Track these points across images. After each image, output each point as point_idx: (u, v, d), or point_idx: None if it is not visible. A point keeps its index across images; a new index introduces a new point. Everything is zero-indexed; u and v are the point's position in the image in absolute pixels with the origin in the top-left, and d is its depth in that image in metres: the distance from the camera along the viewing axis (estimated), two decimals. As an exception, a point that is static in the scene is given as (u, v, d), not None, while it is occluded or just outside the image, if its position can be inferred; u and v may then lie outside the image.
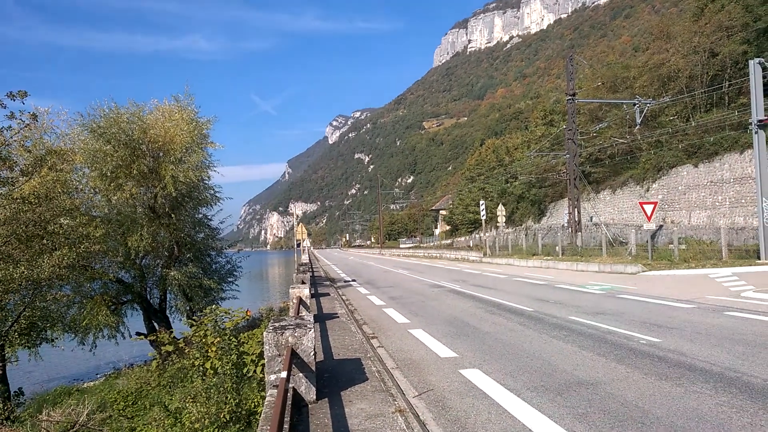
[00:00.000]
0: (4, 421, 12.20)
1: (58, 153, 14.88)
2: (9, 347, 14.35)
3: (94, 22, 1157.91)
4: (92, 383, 16.39)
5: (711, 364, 7.12)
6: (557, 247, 31.29)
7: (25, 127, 13.69)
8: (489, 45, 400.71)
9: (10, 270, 12.21)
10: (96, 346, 17.78)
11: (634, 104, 30.85)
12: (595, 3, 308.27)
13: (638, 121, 30.90)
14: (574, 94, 31.03)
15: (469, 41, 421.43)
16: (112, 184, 17.21)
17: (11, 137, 13.43)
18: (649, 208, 23.39)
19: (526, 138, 62.00)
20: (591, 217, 37.82)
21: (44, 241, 13.52)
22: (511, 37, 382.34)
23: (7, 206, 12.55)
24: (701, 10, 39.41)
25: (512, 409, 5.68)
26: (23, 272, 12.36)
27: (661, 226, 31.02)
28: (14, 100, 12.54)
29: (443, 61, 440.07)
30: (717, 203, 29.82)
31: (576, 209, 31.47)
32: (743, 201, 27.92)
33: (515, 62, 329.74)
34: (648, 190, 35.69)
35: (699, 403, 5.58)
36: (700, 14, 39.03)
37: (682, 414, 5.30)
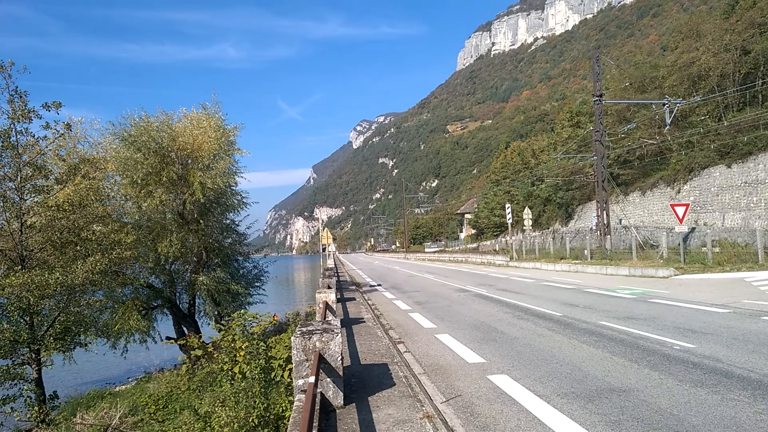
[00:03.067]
0: (40, 424, 12.50)
1: (90, 161, 15.22)
2: (45, 351, 14.66)
3: (125, 34, 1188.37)
4: (124, 387, 16.70)
5: (749, 371, 6.90)
6: (585, 251, 30.81)
7: (60, 136, 14.05)
8: (513, 47, 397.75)
9: (46, 276, 12.48)
10: (127, 350, 18.08)
11: (664, 104, 30.19)
12: (621, 2, 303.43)
13: (668, 121, 30.23)
14: (601, 95, 30.55)
15: (493, 44, 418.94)
16: (142, 191, 17.54)
17: (46, 146, 13.80)
18: (680, 210, 22.89)
19: (552, 140, 61.29)
20: (620, 220, 37.15)
21: (78, 247, 13.82)
22: (536, 39, 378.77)
23: (42, 214, 12.90)
24: (732, 7, 38.57)
25: (542, 416, 5.60)
26: (58, 278, 12.61)
27: (693, 229, 30.29)
28: (49, 111, 12.90)
29: (467, 65, 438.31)
30: (752, 204, 29.02)
31: (604, 212, 30.95)
32: (779, 202, 27.11)
33: (540, 64, 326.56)
34: (679, 192, 34.94)
35: (737, 412, 5.41)
36: (731, 11, 38.22)
37: (719, 423, 5.14)
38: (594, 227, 34.54)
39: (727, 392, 6.06)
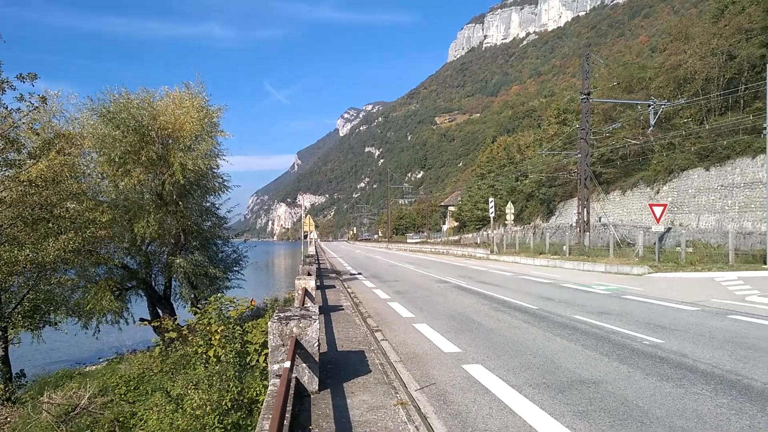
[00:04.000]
0: (5, 402, 12.31)
1: (66, 137, 14.84)
2: (12, 329, 14.45)
3: (111, 7, 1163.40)
4: (94, 367, 16.55)
5: (713, 366, 7.15)
6: (564, 247, 31.22)
7: (34, 109, 13.63)
8: (505, 41, 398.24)
9: (15, 252, 12.20)
10: (99, 331, 17.88)
11: (649, 105, 30.61)
12: (614, 1, 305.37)
13: (652, 122, 30.70)
14: (588, 94, 30.85)
15: (485, 37, 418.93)
16: (120, 170, 17.29)
17: (20, 119, 13.42)
18: (658, 210, 23.30)
19: (538, 136, 61.78)
20: (600, 218, 37.68)
21: (50, 224, 13.50)
22: (528, 34, 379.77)
23: (13, 188, 12.54)
24: (721, 12, 39.09)
25: (513, 405, 5.73)
26: (28, 255, 12.34)
27: (669, 229, 30.88)
28: (24, 82, 12.49)
29: (458, 56, 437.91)
30: (726, 207, 29.65)
31: (585, 209, 31.36)
32: (753, 206, 27.77)
33: (531, 59, 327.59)
34: (658, 192, 35.52)
35: (699, 405, 5.62)
36: (719, 16, 38.72)
37: (682, 414, 5.34)
38: (574, 224, 34.99)
39: (690, 386, 6.28)
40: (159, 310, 19.10)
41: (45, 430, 9.13)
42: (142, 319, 18.16)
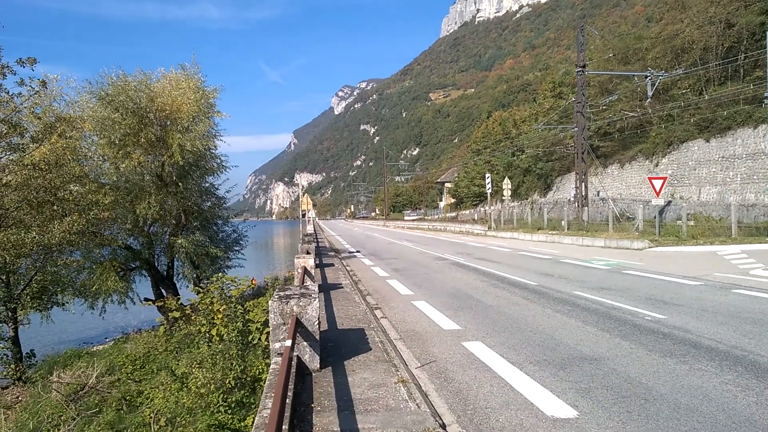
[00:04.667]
0: (17, 382, 12.49)
1: (67, 120, 14.89)
2: (21, 310, 14.65)
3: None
4: (101, 347, 16.61)
5: (717, 342, 7.08)
6: (563, 222, 31.17)
7: (35, 93, 13.66)
8: (498, 14, 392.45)
9: (22, 235, 12.37)
10: (105, 311, 17.99)
11: (646, 77, 30.25)
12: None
13: (649, 94, 30.34)
14: (584, 66, 30.46)
15: (478, 11, 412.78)
16: (120, 152, 17.22)
17: (21, 104, 13.42)
18: (658, 184, 23.16)
19: (533, 111, 61.31)
20: (598, 192, 37.59)
21: (54, 207, 13.67)
22: (521, 7, 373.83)
23: (18, 172, 12.68)
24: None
25: (514, 383, 5.70)
26: (34, 237, 12.53)
27: (669, 202, 30.78)
28: (24, 67, 12.46)
29: (451, 31, 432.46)
30: (728, 179, 29.52)
31: (583, 183, 31.24)
32: (755, 177, 27.59)
33: (524, 32, 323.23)
34: (657, 165, 35.37)
35: (704, 381, 5.56)
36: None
37: (687, 391, 5.29)
38: (572, 199, 34.90)
39: (695, 362, 6.21)
40: (162, 290, 19.12)
41: (55, 408, 9.19)
42: (146, 299, 18.22)
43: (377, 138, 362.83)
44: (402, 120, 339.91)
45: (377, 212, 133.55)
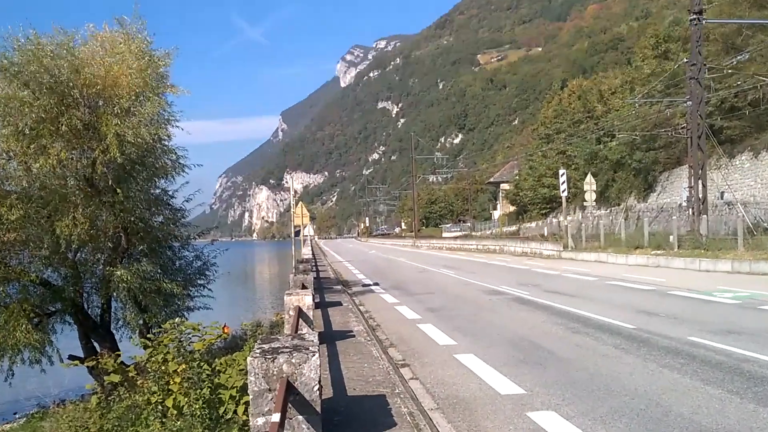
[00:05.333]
0: None
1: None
2: None
3: None
4: (8, 426, 16.81)
5: None
6: (671, 237, 30.95)
7: None
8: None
9: None
10: (13, 375, 18.05)
11: (791, 26, 30.00)
12: None
13: (796, 50, 30.06)
14: (700, 12, 30.32)
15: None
16: (32, 146, 17.31)
17: None
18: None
19: (627, 77, 61.06)
20: (722, 194, 37.20)
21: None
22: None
23: None
24: None
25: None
26: None
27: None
28: None
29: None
30: None
31: (700, 181, 30.97)
32: None
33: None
34: (810, 154, 34.93)
35: None
36: None
37: None
38: (684, 204, 34.57)
39: None
40: (95, 344, 19.30)
41: None
42: (71, 357, 18.35)
43: (402, 120, 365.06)
44: (438, 94, 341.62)
45: (403, 227, 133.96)
